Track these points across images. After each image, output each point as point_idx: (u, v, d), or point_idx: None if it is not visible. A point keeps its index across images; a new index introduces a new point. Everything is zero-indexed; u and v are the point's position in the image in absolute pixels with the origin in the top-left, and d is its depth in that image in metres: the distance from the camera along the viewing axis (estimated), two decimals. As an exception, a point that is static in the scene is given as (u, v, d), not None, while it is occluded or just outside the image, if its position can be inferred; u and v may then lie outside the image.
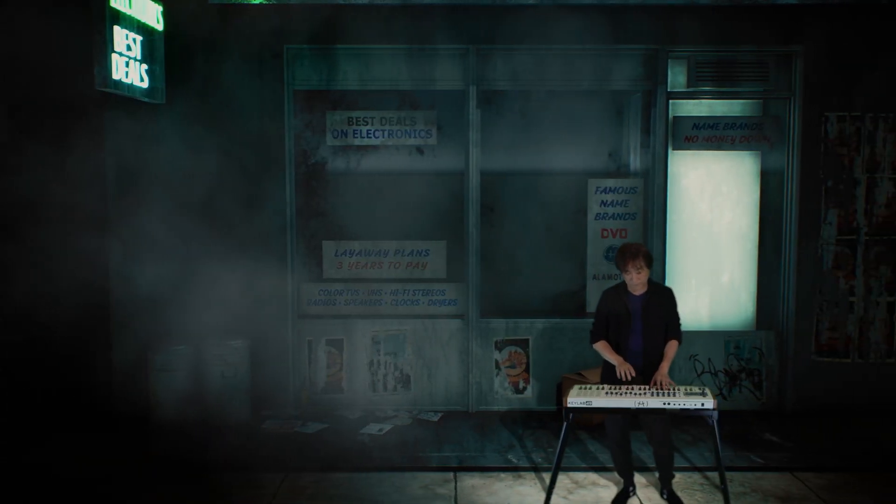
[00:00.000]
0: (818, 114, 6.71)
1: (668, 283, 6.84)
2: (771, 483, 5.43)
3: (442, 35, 6.59)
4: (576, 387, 5.02)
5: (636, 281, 4.92)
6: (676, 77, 6.77)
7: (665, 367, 4.98)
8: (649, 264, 4.96)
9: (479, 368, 6.89)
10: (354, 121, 6.78)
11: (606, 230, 6.85)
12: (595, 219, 6.84)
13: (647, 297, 4.99)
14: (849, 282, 6.81)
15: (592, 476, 5.53)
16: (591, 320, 5.18)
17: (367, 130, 6.79)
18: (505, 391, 6.91)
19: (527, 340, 6.87)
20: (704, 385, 6.72)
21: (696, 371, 6.93)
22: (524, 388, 6.90)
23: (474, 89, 6.69)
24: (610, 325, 5.04)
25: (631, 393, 4.87)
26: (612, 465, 5.44)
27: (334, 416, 6.66)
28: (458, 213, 6.81)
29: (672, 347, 5.07)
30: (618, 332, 5.03)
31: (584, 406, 4.87)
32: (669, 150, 6.82)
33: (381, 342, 6.89)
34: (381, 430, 6.37)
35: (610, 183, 6.82)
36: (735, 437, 6.24)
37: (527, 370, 6.89)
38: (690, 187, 6.92)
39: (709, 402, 4.78)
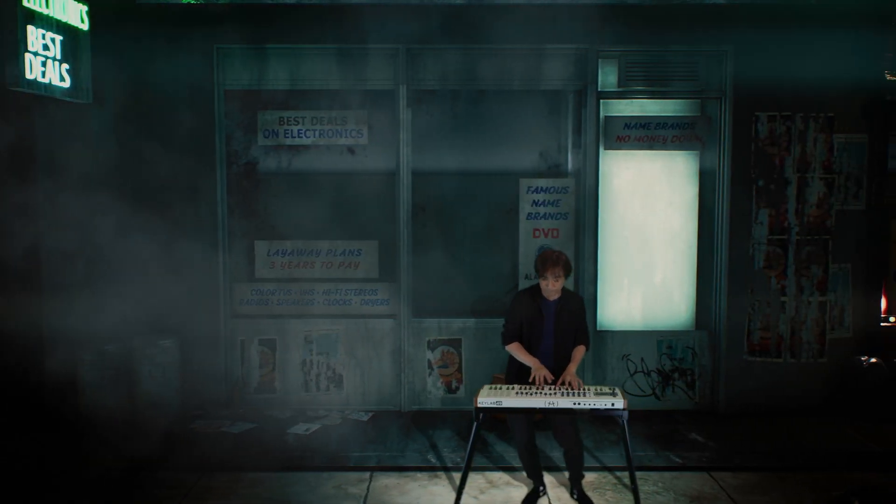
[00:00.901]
0: (749, 113, 6.71)
1: (600, 283, 6.89)
2: (685, 483, 5.44)
3: (372, 35, 6.58)
4: (486, 387, 5.02)
5: (552, 288, 4.92)
6: (608, 77, 6.77)
7: (573, 367, 4.99)
8: (567, 273, 4.97)
9: (412, 368, 6.89)
10: (286, 120, 6.78)
11: (538, 230, 6.85)
12: (527, 218, 6.84)
13: (559, 303, 5.00)
14: (780, 281, 6.81)
15: (508, 476, 5.52)
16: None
17: (299, 130, 6.78)
18: (438, 391, 6.91)
19: (459, 340, 6.87)
20: (617, 387, 6.74)
21: (629, 371, 6.93)
22: (457, 388, 6.90)
23: (405, 89, 6.69)
24: (522, 327, 5.04)
25: (541, 393, 4.87)
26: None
27: (265, 415, 6.66)
28: (390, 213, 6.81)
29: (580, 352, 5.09)
30: (530, 335, 5.02)
31: (495, 406, 4.86)
32: (601, 150, 6.82)
33: (313, 342, 6.89)
34: (308, 429, 6.37)
35: (542, 183, 6.82)
36: (660, 437, 6.24)
37: (459, 370, 6.89)
38: (624, 187, 6.91)
39: (619, 402, 4.78)
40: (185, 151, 6.65)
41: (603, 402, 4.80)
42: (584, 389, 4.88)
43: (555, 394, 4.83)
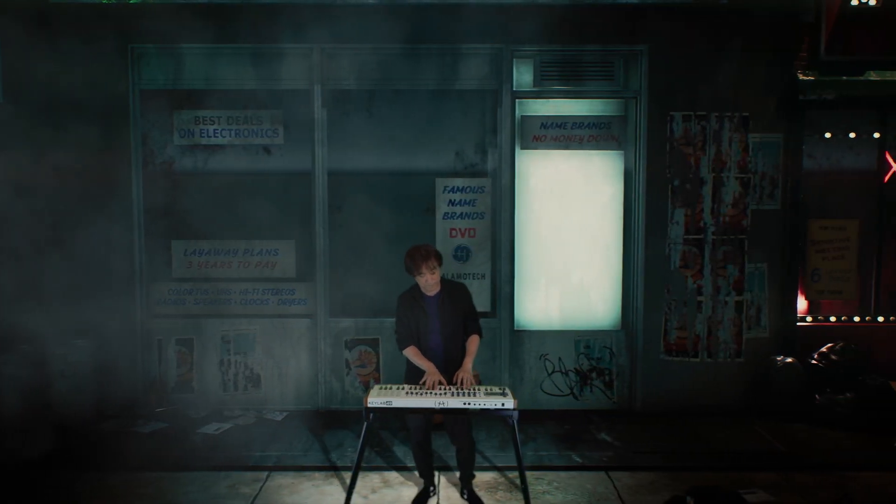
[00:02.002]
0: (664, 113, 6.71)
1: (518, 283, 6.88)
2: (580, 483, 5.43)
3: (287, 35, 6.59)
4: (377, 387, 5.01)
5: (431, 281, 4.88)
6: (523, 76, 6.77)
7: (468, 363, 4.96)
8: (440, 263, 4.93)
9: (330, 368, 6.89)
10: (201, 120, 6.77)
11: (455, 229, 6.84)
12: (444, 218, 6.84)
13: (441, 296, 4.97)
14: (697, 281, 6.81)
15: (404, 476, 5.52)
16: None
17: (214, 130, 6.78)
18: (356, 390, 6.91)
19: (377, 340, 6.86)
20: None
21: (548, 371, 6.93)
22: (375, 388, 6.89)
23: (319, 88, 6.69)
24: (412, 328, 5.02)
25: (431, 393, 4.86)
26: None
27: (180, 415, 6.66)
28: (307, 213, 6.81)
29: (473, 342, 5.03)
30: (418, 334, 5.00)
31: (385, 406, 4.85)
32: (518, 150, 6.82)
33: (231, 342, 6.89)
34: (218, 429, 6.37)
35: (458, 182, 6.81)
36: (569, 437, 6.24)
37: (377, 369, 6.88)
38: (541, 186, 6.91)
39: (509, 403, 4.77)
40: (101, 151, 6.65)
41: (493, 403, 4.79)
42: (474, 389, 4.88)
43: (445, 394, 4.82)
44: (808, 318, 6.95)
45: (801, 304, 6.98)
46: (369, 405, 4.79)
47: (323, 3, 6.52)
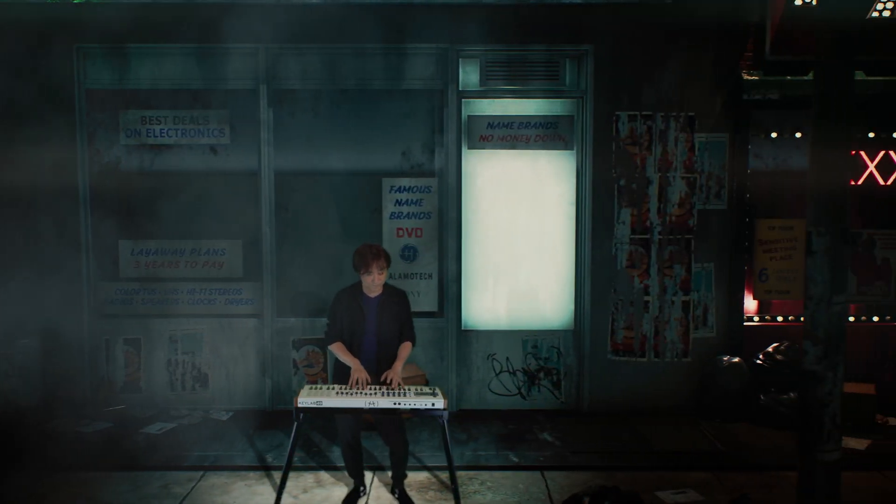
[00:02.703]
0: (610, 113, 6.71)
1: (465, 283, 6.89)
2: (513, 482, 5.43)
3: (232, 34, 6.57)
4: (307, 387, 5.01)
5: (377, 281, 4.90)
6: (469, 76, 6.77)
7: (398, 366, 4.97)
8: (389, 264, 4.97)
9: (277, 368, 6.89)
10: (148, 120, 6.77)
11: (402, 229, 6.84)
12: (390, 218, 6.84)
13: (382, 298, 4.98)
14: (644, 281, 6.81)
15: (338, 475, 5.52)
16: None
17: (161, 129, 6.78)
18: (303, 390, 6.91)
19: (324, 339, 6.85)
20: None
21: (495, 371, 6.93)
22: (322, 388, 6.89)
23: (265, 88, 6.69)
24: (344, 326, 5.02)
25: (362, 393, 4.86)
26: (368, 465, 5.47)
27: (126, 415, 6.66)
28: (254, 213, 6.81)
29: (406, 348, 5.06)
30: (352, 334, 5.00)
31: (315, 406, 4.85)
32: (465, 150, 6.82)
33: (178, 341, 6.89)
34: (161, 429, 6.37)
35: (404, 182, 6.81)
36: (511, 437, 6.25)
37: (325, 369, 6.88)
38: (488, 186, 6.90)
39: (439, 402, 4.78)
40: (47, 151, 6.66)
41: (423, 402, 4.80)
42: (404, 389, 4.88)
43: (375, 394, 4.83)
44: (756, 318, 6.94)
45: (751, 303, 6.98)
46: (299, 405, 4.79)
47: (268, 3, 6.52)
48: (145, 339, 6.88)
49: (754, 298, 6.97)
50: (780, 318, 6.95)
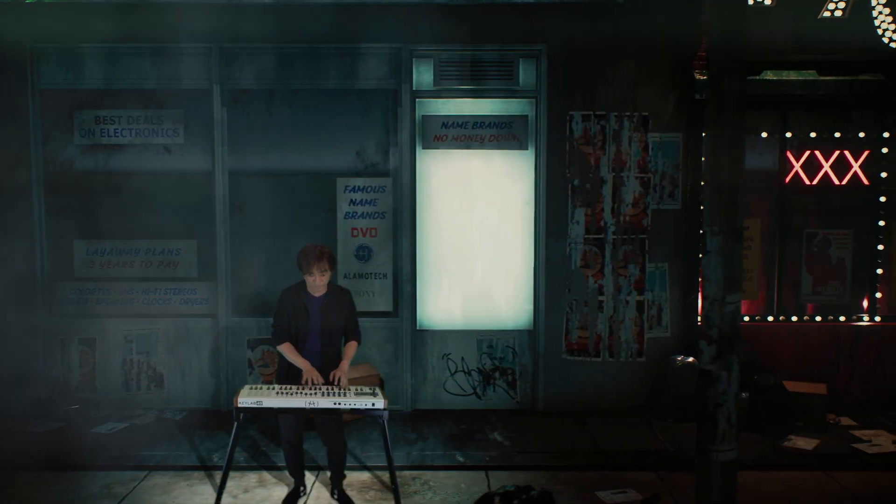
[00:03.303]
0: (563, 112, 6.71)
1: (420, 283, 6.89)
2: (456, 482, 5.43)
3: (186, 34, 6.59)
4: (247, 387, 5.00)
5: (319, 282, 4.91)
6: (423, 76, 6.77)
7: (345, 365, 4.99)
8: (332, 266, 4.97)
9: (232, 368, 6.89)
10: (102, 120, 6.77)
11: (357, 229, 6.84)
12: (345, 218, 6.84)
13: (326, 298, 4.99)
14: (598, 281, 6.81)
15: (280, 475, 5.51)
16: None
17: (115, 129, 6.78)
18: (258, 390, 6.90)
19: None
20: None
21: (450, 370, 6.93)
22: (278, 388, 6.89)
23: (219, 88, 6.70)
24: (290, 325, 5.03)
25: (302, 393, 4.86)
26: (311, 465, 5.48)
27: (81, 415, 6.65)
28: (209, 213, 6.80)
29: (351, 347, 5.08)
30: (297, 333, 5.01)
31: (255, 406, 4.84)
32: (419, 150, 6.82)
33: (133, 341, 6.89)
34: (113, 429, 6.37)
35: (359, 182, 6.81)
36: (461, 436, 6.25)
37: (280, 369, 6.88)
38: (443, 186, 6.90)
39: (379, 403, 4.78)
40: (1, 151, 6.65)
41: (363, 403, 4.80)
42: (344, 390, 4.88)
43: (315, 394, 4.82)
44: (710, 318, 6.94)
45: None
46: (239, 405, 4.78)
47: (221, 3, 6.52)
48: (100, 339, 6.88)
49: (710, 298, 6.96)
50: (745, 318, 6.94)
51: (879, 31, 6.43)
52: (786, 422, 6.29)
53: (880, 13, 6.40)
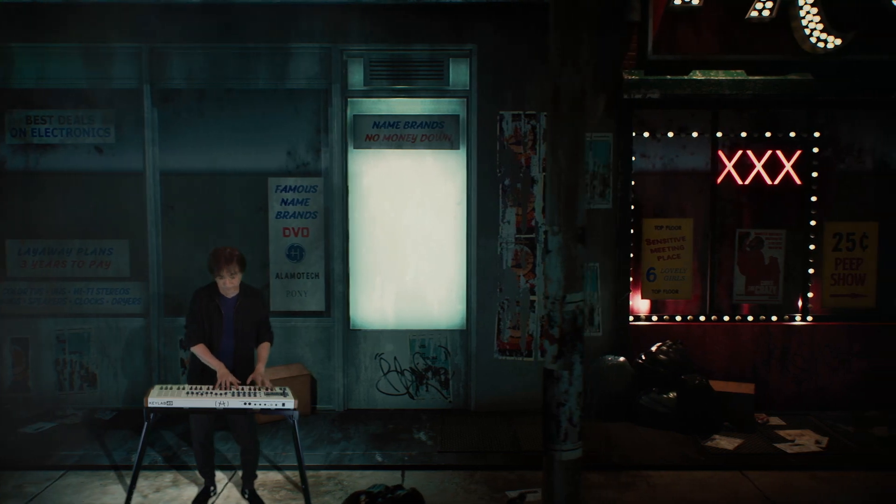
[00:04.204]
0: (494, 112, 6.71)
1: (353, 282, 6.89)
2: (370, 482, 5.36)
3: (116, 33, 6.59)
4: (157, 387, 4.99)
5: (229, 285, 4.91)
6: (354, 76, 6.76)
7: (261, 367, 5.00)
8: (242, 268, 4.97)
9: (165, 367, 6.89)
10: (33, 119, 6.77)
11: (288, 229, 6.84)
12: (276, 217, 6.83)
13: (238, 299, 4.99)
14: (529, 280, 6.81)
15: (193, 475, 5.50)
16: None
17: (46, 129, 6.78)
18: (191, 390, 6.90)
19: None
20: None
21: (383, 370, 6.93)
22: (210, 387, 6.89)
23: (149, 88, 6.69)
24: (204, 326, 5.01)
25: (212, 393, 4.86)
26: (223, 464, 5.49)
27: (10, 415, 6.65)
28: (140, 213, 6.80)
29: (265, 349, 5.08)
30: (210, 334, 5.00)
31: (165, 406, 4.85)
32: (351, 149, 6.82)
33: (66, 341, 6.89)
34: (39, 428, 6.37)
35: (290, 182, 6.81)
36: (385, 436, 6.24)
37: (212, 369, 6.88)
38: (376, 186, 6.90)
39: (289, 403, 4.80)
40: (-70, 151, 6.68)
41: (273, 402, 4.81)
42: (254, 389, 4.88)
43: (226, 394, 4.83)
44: (650, 318, 6.94)
45: (642, 303, 6.98)
46: (149, 405, 4.78)
47: (150, 2, 6.51)
48: (33, 338, 6.88)
49: (643, 298, 6.97)
50: (666, 318, 6.95)
51: (807, 31, 6.42)
52: (711, 421, 6.28)
53: (808, 13, 6.39)
